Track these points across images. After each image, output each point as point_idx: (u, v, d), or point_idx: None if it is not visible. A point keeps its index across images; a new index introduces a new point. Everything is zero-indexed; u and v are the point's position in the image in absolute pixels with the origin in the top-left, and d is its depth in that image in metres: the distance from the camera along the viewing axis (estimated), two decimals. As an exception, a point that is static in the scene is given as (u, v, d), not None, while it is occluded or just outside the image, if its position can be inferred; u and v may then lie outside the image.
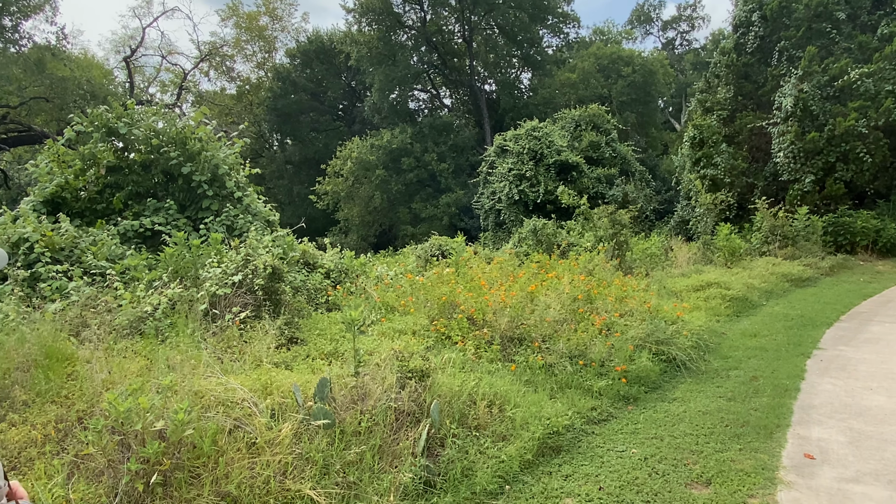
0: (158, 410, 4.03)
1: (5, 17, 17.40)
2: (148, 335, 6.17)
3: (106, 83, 23.08)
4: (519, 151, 24.88)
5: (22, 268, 6.86)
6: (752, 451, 5.07)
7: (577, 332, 7.16)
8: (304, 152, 40.45)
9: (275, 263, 6.81)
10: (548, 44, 43.15)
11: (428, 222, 32.26)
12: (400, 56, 36.50)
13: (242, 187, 9.64)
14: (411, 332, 6.89)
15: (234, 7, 41.83)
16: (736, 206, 21.51)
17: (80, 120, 9.29)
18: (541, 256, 11.19)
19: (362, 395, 4.97)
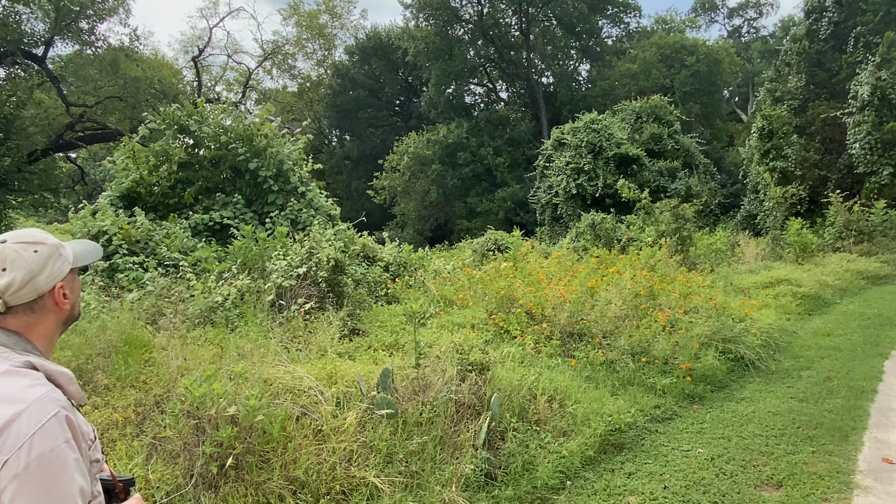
0: (231, 396, 4.20)
1: (82, 21, 18.38)
2: (218, 324, 6.42)
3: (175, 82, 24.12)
4: (577, 144, 24.51)
5: (101, 259, 7.26)
6: (825, 454, 4.87)
7: (640, 328, 7.03)
8: (361, 148, 41.05)
9: (338, 256, 6.96)
10: (607, 34, 42.30)
11: (483, 217, 32.21)
12: (456, 50, 36.50)
13: (306, 182, 9.89)
14: (470, 326, 6.92)
15: (295, 6, 42.80)
16: (807, 200, 20.57)
17: (153, 118, 9.74)
18: (601, 251, 11.01)
19: (423, 387, 5.03)
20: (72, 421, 1.42)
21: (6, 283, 1.46)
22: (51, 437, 1.34)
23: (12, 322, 1.50)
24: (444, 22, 36.57)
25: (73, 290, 1.63)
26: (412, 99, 43.20)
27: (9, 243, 1.50)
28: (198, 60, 27.30)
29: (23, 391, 1.38)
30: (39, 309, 1.53)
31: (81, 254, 1.68)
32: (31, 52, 18.66)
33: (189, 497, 3.73)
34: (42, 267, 1.52)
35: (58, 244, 1.60)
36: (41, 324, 1.55)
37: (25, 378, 1.41)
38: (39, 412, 1.36)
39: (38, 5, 17.84)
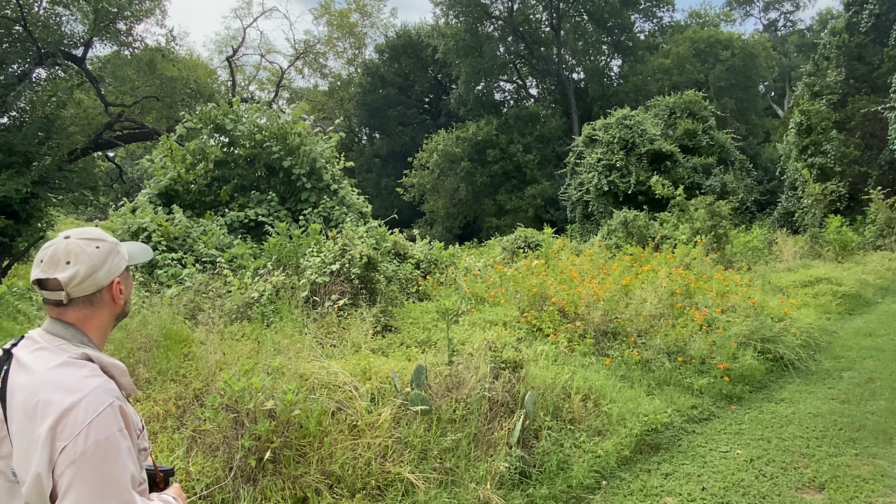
0: (268, 391, 4.25)
1: (120, 22, 18.82)
2: (255, 320, 6.51)
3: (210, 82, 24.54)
4: (609, 141, 24.21)
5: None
6: (869, 457, 4.73)
7: (676, 327, 6.92)
8: (391, 146, 41.21)
9: (370, 253, 7.00)
10: (640, 29, 41.67)
11: (513, 214, 32.07)
12: (486, 47, 36.36)
13: (338, 180, 9.97)
14: (502, 324, 6.89)
15: (326, 5, 43.14)
16: (847, 197, 20.00)
17: (190, 117, 9.93)
18: (634, 249, 10.87)
19: (456, 384, 5.03)
20: (125, 411, 1.49)
21: (70, 276, 1.52)
22: (106, 425, 1.41)
23: (71, 314, 1.57)
24: (474, 19, 36.46)
25: (127, 286, 1.71)
26: (441, 97, 43.22)
27: (73, 239, 1.58)
28: (232, 60, 27.73)
29: (80, 381, 1.45)
30: (97, 302, 1.60)
31: (135, 253, 1.77)
32: (71, 54, 19.18)
33: (228, 490, 3.79)
34: (103, 262, 1.59)
35: (116, 242, 1.68)
36: (97, 317, 1.61)
37: (83, 369, 1.48)
38: (96, 402, 1.42)
39: (77, 7, 18.31)
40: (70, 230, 1.64)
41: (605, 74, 40.87)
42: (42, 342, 1.54)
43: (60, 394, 1.41)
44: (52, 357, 1.50)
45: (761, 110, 40.49)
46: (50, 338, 1.54)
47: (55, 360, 1.49)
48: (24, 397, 1.45)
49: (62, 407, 1.39)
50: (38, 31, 17.33)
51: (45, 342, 1.54)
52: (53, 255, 1.54)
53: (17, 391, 1.47)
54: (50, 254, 1.55)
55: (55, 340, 1.54)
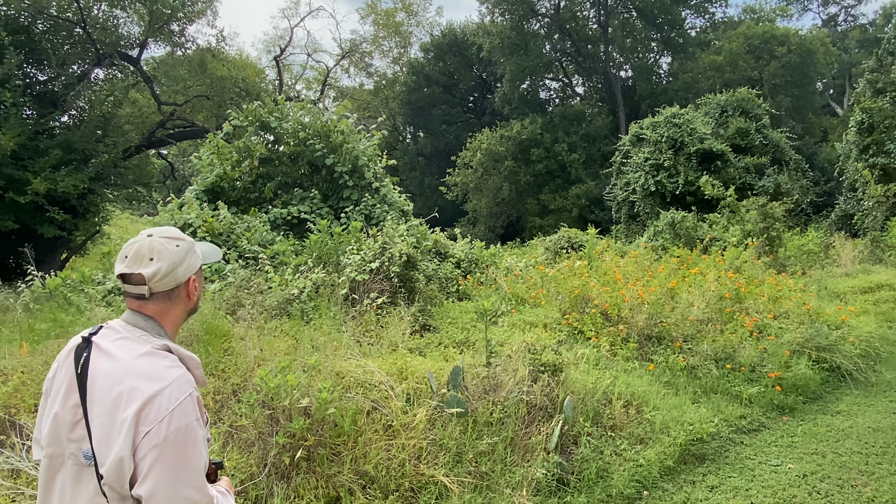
0: (304, 388, 4.24)
1: (173, 23, 19.35)
2: (294, 316, 6.55)
3: (258, 81, 25.05)
4: (657, 140, 23.61)
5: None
6: (936, 478, 4.42)
7: (724, 333, 6.66)
8: (435, 144, 41.22)
9: (410, 252, 6.96)
10: (691, 25, 40.51)
11: (556, 214, 31.65)
12: (532, 45, 35.97)
13: (380, 178, 9.98)
14: (542, 325, 6.76)
15: (373, 5, 43.48)
16: (912, 199, 18.98)
17: (236, 115, 10.09)
18: (682, 251, 10.54)
19: (494, 386, 4.93)
20: (200, 401, 1.62)
21: (153, 272, 1.63)
22: (186, 413, 1.52)
23: (151, 307, 1.67)
24: (520, 17, 36.11)
25: (200, 284, 1.83)
26: (486, 95, 43.03)
27: (155, 237, 1.69)
28: (279, 60, 28.20)
29: (163, 371, 1.55)
30: (174, 297, 1.71)
31: (207, 253, 1.89)
32: (127, 54, 19.82)
33: (262, 486, 3.79)
34: (182, 260, 1.70)
35: (193, 242, 1.80)
36: (173, 311, 1.73)
37: (165, 359, 1.59)
38: (178, 391, 1.53)
39: (133, 9, 18.92)
40: (152, 229, 1.74)
41: (653, 72, 39.91)
42: (124, 332, 1.64)
43: (145, 381, 1.51)
44: (136, 346, 1.59)
45: (819, 108, 38.89)
46: (131, 328, 1.64)
47: (139, 350, 1.58)
48: (107, 384, 1.54)
49: (147, 394, 1.49)
50: (97, 33, 17.95)
51: (126, 332, 1.64)
52: (138, 252, 1.65)
53: (99, 377, 1.56)
54: (135, 250, 1.65)
55: (136, 331, 1.64)
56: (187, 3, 19.28)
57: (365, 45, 41.80)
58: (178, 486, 1.48)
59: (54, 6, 17.24)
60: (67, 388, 1.60)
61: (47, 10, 16.88)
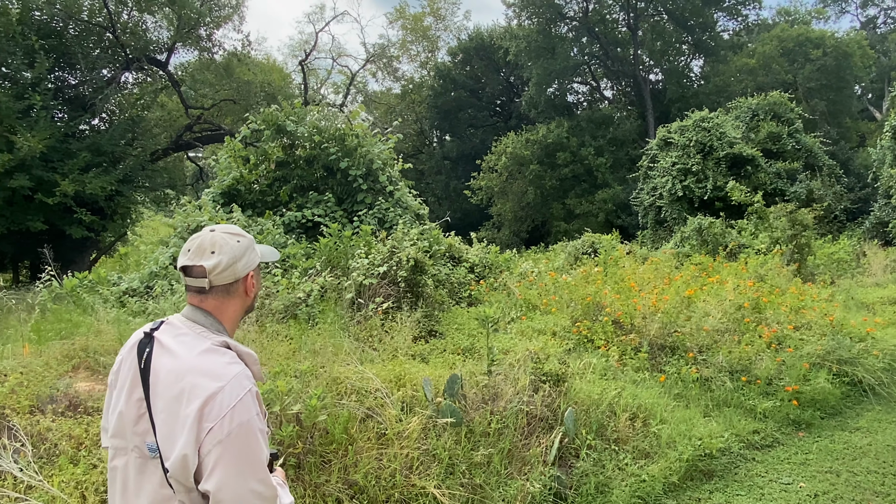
0: (297, 394, 4.19)
1: (201, 28, 19.67)
2: (301, 320, 6.52)
3: (284, 85, 25.33)
4: (685, 144, 23.15)
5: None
6: (959, 504, 4.16)
7: (741, 344, 6.42)
8: (461, 148, 41.15)
9: (418, 256, 6.88)
10: (723, 27, 39.73)
11: (582, 219, 31.28)
12: (559, 48, 35.66)
13: (394, 181, 9.94)
14: (551, 333, 6.61)
15: (401, 10, 43.70)
16: (951, 207, 18.27)
17: (254, 119, 10.16)
18: (703, 258, 10.26)
19: (493, 396, 4.81)
20: (259, 396, 1.64)
21: (214, 264, 1.67)
22: (247, 409, 1.55)
23: (210, 302, 1.71)
24: (547, 20, 35.85)
25: (258, 281, 1.87)
26: (513, 99, 42.81)
27: (217, 232, 1.74)
28: (304, 64, 28.46)
29: (224, 367, 1.58)
30: (233, 292, 1.74)
31: (266, 253, 1.90)
32: (156, 59, 20.21)
33: (249, 493, 3.74)
34: (242, 255, 1.74)
35: (252, 239, 1.83)
36: (231, 307, 1.76)
37: (224, 356, 1.62)
38: (238, 387, 1.56)
39: (162, 14, 19.28)
40: (215, 225, 1.81)
41: (684, 75, 39.22)
42: (184, 328, 1.67)
43: (206, 379, 1.54)
44: (196, 343, 1.63)
45: (856, 113, 37.76)
46: (191, 324, 1.68)
47: (199, 347, 1.61)
48: (170, 380, 1.57)
49: (209, 391, 1.52)
50: (126, 38, 18.35)
51: (186, 328, 1.67)
52: (200, 245, 1.69)
53: (161, 373, 1.59)
54: (197, 244, 1.70)
55: (196, 327, 1.67)
56: (214, 8, 19.58)
57: (393, 49, 42.02)
58: (244, 480, 1.52)
59: (85, 11, 17.67)
60: (132, 382, 1.64)
61: (78, 15, 17.30)
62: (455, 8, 46.47)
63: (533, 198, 32.96)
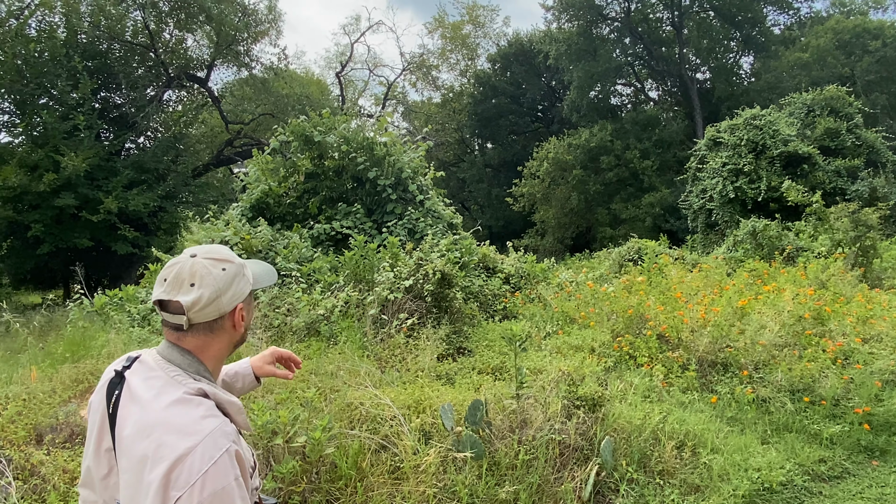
0: (304, 423, 3.86)
1: (240, 44, 19.90)
2: (323, 337, 6.23)
3: (321, 98, 25.44)
4: (735, 143, 22.12)
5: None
6: None
7: (802, 360, 5.78)
8: (502, 155, 40.68)
9: (445, 269, 6.50)
10: (774, 22, 38.19)
11: (629, 224, 30.34)
12: (601, 50, 34.86)
13: (425, 190, 9.61)
14: (589, 350, 6.11)
15: (440, 19, 43.65)
16: None
17: (282, 131, 10.01)
18: (757, 263, 9.55)
19: (522, 423, 4.37)
20: (241, 456, 1.39)
21: (194, 300, 1.42)
22: (222, 474, 1.31)
23: (190, 341, 1.47)
24: (588, 22, 35.14)
25: (249, 312, 1.59)
26: (555, 104, 42.12)
27: (199, 258, 1.47)
28: (340, 76, 28.58)
29: (197, 423, 1.34)
30: (217, 329, 1.49)
31: (260, 276, 1.65)
32: (196, 76, 20.54)
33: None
34: (228, 286, 1.48)
35: (243, 264, 1.57)
36: (216, 345, 1.50)
37: (199, 408, 1.37)
38: (213, 447, 1.31)
39: (203, 31, 19.58)
40: (197, 248, 1.53)
41: (733, 73, 37.81)
42: (157, 370, 1.44)
43: (175, 437, 1.31)
44: (167, 390, 1.39)
45: (923, 105, 35.61)
46: (165, 364, 1.45)
47: (171, 395, 1.38)
48: (134, 434, 1.35)
49: (177, 453, 1.29)
50: (167, 57, 18.69)
51: (160, 370, 1.44)
52: (178, 276, 1.44)
53: (127, 425, 1.38)
54: (175, 273, 1.45)
55: (171, 369, 1.43)
56: (251, 23, 19.78)
57: (432, 58, 41.96)
58: None
59: (129, 31, 18.07)
60: (100, 430, 1.46)
61: (122, 37, 17.70)
62: (494, 15, 46.09)
63: (577, 203, 32.22)
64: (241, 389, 1.96)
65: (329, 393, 4.48)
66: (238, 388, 1.94)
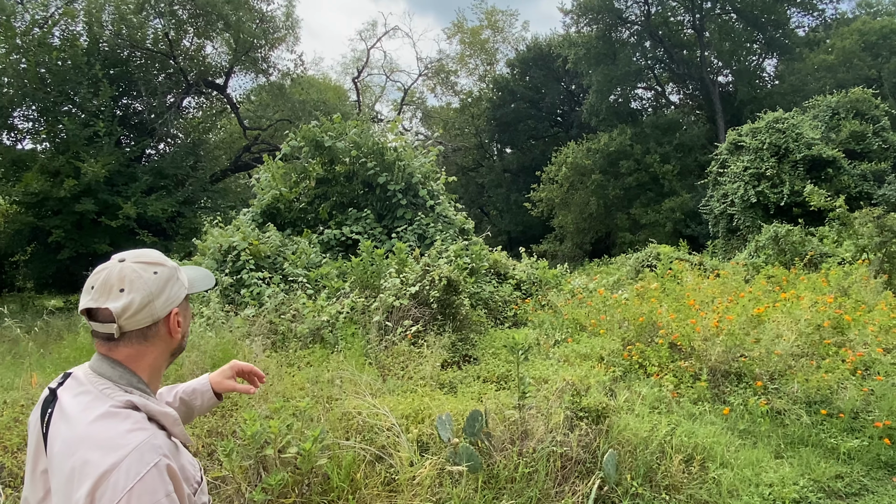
0: (297, 434, 3.78)
1: (258, 51, 20.07)
2: (327, 343, 6.17)
3: (338, 103, 25.55)
4: (757, 147, 21.70)
5: (230, 274, 7.43)
6: None
7: (820, 370, 5.58)
8: (521, 160, 40.51)
9: (451, 275, 6.40)
10: (798, 24, 37.53)
11: (649, 229, 29.94)
12: (620, 54, 34.54)
13: (435, 196, 9.53)
14: (598, 358, 5.96)
15: (459, 24, 43.71)
16: None
17: (293, 136, 10.02)
18: (776, 270, 9.29)
19: (523, 434, 4.25)
20: (173, 470, 1.30)
21: (124, 305, 1.34)
22: (150, 491, 1.24)
23: (122, 351, 1.39)
24: (607, 26, 34.87)
25: (186, 318, 1.52)
26: (574, 108, 41.86)
27: (128, 262, 1.40)
28: (357, 81, 28.68)
29: (122, 437, 1.26)
30: (152, 336, 1.42)
31: (195, 280, 1.58)
32: (215, 83, 20.75)
33: (234, 549, 3.35)
34: (161, 290, 1.41)
35: (176, 267, 1.50)
36: (150, 353, 1.43)
37: (125, 421, 1.30)
38: (139, 462, 1.24)
39: (222, 39, 19.79)
40: (126, 252, 1.45)
41: (756, 76, 37.21)
42: (86, 384, 1.37)
43: (99, 453, 1.23)
44: (95, 405, 1.32)
45: (953, 107, 34.68)
46: (95, 378, 1.37)
47: (97, 410, 1.30)
48: (63, 453, 1.28)
49: (101, 469, 1.22)
50: (186, 64, 18.91)
51: (89, 384, 1.36)
52: (106, 281, 1.36)
53: (56, 444, 1.32)
54: (102, 279, 1.36)
55: (100, 383, 1.36)
56: (269, 30, 19.94)
57: (451, 63, 41.98)
58: None
59: (149, 39, 18.32)
60: (35, 451, 1.38)
61: (142, 45, 17.95)
62: (513, 20, 46.10)
63: (596, 208, 31.91)
64: (201, 408, 1.88)
65: (326, 402, 4.40)
66: (197, 405, 1.86)
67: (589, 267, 24.79)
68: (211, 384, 1.91)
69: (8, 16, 14.98)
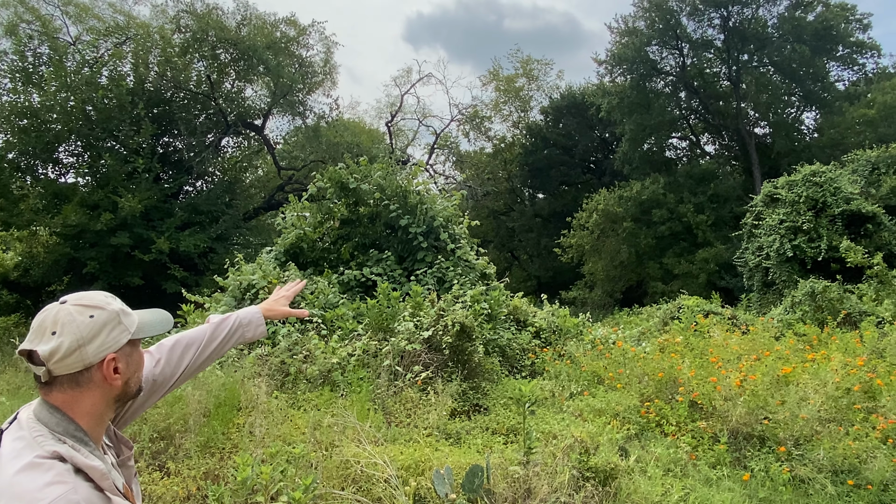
0: (290, 481, 3.70)
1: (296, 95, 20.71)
2: (337, 387, 6.10)
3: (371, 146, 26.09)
4: (794, 200, 21.27)
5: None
6: None
7: (848, 437, 5.27)
8: (553, 205, 40.48)
9: (465, 321, 6.31)
10: (837, 77, 37.14)
11: (682, 279, 29.38)
12: (655, 104, 34.61)
13: (457, 239, 9.52)
14: (612, 414, 5.75)
15: (494, 72, 44.47)
16: None
17: (320, 177, 10.19)
18: (808, 328, 8.94)
19: (526, 493, 4.08)
20: None
21: (51, 349, 1.32)
22: None
23: (56, 396, 1.36)
24: (641, 76, 35.05)
25: (130, 364, 1.47)
26: (607, 156, 41.89)
27: (68, 304, 1.39)
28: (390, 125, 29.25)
29: (39, 490, 1.21)
30: (85, 382, 1.38)
31: (148, 324, 1.54)
32: (253, 123, 21.41)
33: None
34: (94, 335, 1.37)
35: (120, 311, 1.46)
36: (86, 400, 1.39)
37: (47, 473, 1.25)
38: None
39: (262, 82, 20.51)
40: (72, 294, 1.44)
41: (794, 128, 36.77)
42: (24, 429, 1.34)
43: None
44: (24, 453, 1.28)
45: None
46: (33, 423, 1.35)
47: (23, 459, 1.27)
48: None
49: None
50: (226, 105, 19.59)
51: (26, 429, 1.34)
52: (41, 323, 1.36)
53: None
54: (40, 320, 1.36)
55: (36, 429, 1.33)
56: (307, 74, 20.58)
57: (485, 109, 42.58)
58: None
59: (193, 81, 19.07)
60: None
61: (185, 86, 18.68)
62: (548, 69, 46.43)
63: (627, 256, 31.51)
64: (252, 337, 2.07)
65: (326, 449, 4.32)
66: (248, 336, 2.05)
67: (619, 316, 24.33)
68: (263, 313, 2.10)
69: (60, 56, 15.84)
